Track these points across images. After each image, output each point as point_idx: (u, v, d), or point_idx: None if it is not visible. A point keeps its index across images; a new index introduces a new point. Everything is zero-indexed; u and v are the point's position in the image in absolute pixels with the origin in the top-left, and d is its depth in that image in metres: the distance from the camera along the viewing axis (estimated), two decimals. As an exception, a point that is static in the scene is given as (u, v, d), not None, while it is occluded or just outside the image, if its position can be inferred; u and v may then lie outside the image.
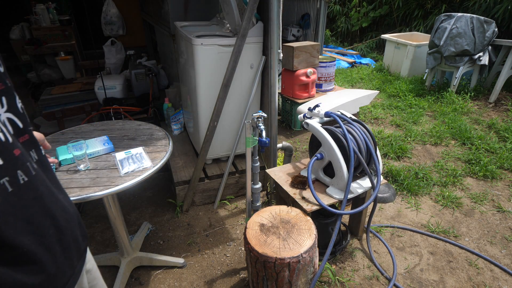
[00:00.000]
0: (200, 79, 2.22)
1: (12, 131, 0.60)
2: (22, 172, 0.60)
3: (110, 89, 3.60)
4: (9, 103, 0.62)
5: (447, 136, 3.47)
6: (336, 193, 1.79)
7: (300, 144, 3.50)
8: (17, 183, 0.58)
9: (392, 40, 5.39)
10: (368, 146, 1.77)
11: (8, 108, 0.61)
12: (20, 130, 0.63)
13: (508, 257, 2.05)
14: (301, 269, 1.47)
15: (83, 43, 5.29)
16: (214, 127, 2.20)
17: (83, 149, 1.43)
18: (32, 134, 0.68)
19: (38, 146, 0.70)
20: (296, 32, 5.47)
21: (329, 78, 3.85)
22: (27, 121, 0.67)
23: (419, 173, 2.82)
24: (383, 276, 1.94)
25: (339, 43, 8.02)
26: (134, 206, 2.58)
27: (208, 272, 1.98)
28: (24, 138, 0.64)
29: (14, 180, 0.58)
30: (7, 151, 0.57)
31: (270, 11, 2.05)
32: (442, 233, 2.25)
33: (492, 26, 3.98)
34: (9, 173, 0.57)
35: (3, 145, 0.56)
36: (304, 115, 2.00)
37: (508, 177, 2.82)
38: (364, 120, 3.99)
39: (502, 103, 4.17)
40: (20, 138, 0.63)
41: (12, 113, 0.62)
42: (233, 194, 2.63)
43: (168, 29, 3.01)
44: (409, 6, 6.72)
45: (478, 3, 5.20)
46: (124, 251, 1.90)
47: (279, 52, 2.48)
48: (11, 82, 0.65)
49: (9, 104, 0.61)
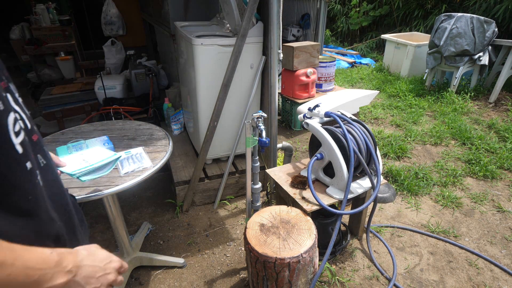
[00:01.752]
0: (200, 79, 2.22)
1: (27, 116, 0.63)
2: (41, 156, 0.64)
3: (110, 89, 3.61)
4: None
5: (447, 136, 3.47)
6: (336, 193, 1.79)
7: (300, 144, 3.50)
8: (40, 166, 0.63)
9: (392, 40, 5.39)
10: (368, 146, 1.77)
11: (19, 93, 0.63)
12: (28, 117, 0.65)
13: (508, 257, 2.05)
14: (301, 269, 1.47)
15: (83, 43, 5.29)
16: (214, 127, 2.20)
17: (83, 149, 1.43)
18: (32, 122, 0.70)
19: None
20: (296, 32, 5.47)
21: (329, 78, 3.85)
22: None
23: (419, 173, 2.82)
24: (383, 276, 1.94)
25: (339, 43, 8.02)
26: (134, 206, 2.58)
27: (208, 272, 1.98)
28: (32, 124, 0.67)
29: (37, 164, 0.61)
30: (29, 137, 0.60)
31: (270, 11, 2.05)
32: (442, 233, 2.25)
33: (492, 26, 3.98)
34: (33, 157, 0.60)
35: (27, 131, 0.60)
36: (304, 115, 2.00)
37: (508, 177, 2.82)
38: (364, 120, 3.99)
39: (502, 103, 4.17)
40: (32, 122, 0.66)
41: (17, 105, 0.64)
42: (233, 194, 2.63)
43: (168, 29, 3.01)
44: (409, 6, 6.73)
45: (478, 3, 5.20)
46: (124, 251, 1.90)
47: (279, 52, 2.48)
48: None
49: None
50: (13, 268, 0.48)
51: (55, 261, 0.55)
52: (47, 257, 0.54)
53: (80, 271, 0.61)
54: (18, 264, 0.49)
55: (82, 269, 0.61)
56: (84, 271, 0.62)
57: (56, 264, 0.55)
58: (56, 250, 0.57)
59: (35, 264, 0.52)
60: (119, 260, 0.72)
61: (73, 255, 0.61)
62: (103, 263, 0.67)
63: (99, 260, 0.66)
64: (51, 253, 0.55)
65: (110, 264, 0.68)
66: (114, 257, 0.71)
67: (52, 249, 0.57)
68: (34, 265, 0.51)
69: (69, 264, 0.58)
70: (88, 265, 0.63)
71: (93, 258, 0.65)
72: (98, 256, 0.67)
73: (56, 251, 0.57)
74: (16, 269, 0.49)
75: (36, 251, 0.53)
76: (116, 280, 0.69)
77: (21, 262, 0.50)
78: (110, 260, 0.69)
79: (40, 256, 0.53)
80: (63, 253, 0.58)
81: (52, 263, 0.54)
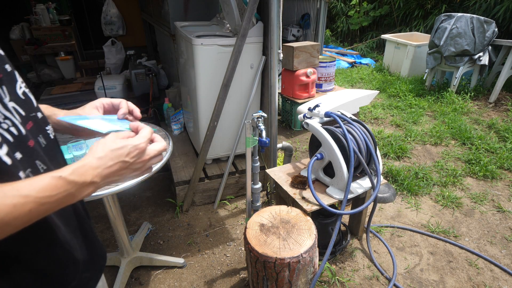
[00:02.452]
0: (200, 79, 2.22)
1: (21, 120, 0.59)
2: (40, 161, 0.60)
3: (110, 89, 3.61)
4: (10, 92, 0.59)
5: (447, 136, 3.47)
6: (336, 193, 1.79)
7: (300, 144, 3.50)
8: (40, 173, 0.58)
9: (392, 40, 5.39)
10: (368, 146, 1.77)
11: (10, 97, 0.59)
12: (23, 117, 0.61)
13: (508, 257, 2.05)
14: (301, 269, 1.47)
15: (83, 43, 5.28)
16: (214, 127, 2.20)
17: (83, 149, 1.43)
18: (36, 119, 0.65)
19: (45, 130, 0.67)
20: (296, 32, 5.46)
21: (329, 78, 3.85)
22: (30, 106, 0.64)
23: (419, 173, 2.82)
24: (383, 276, 1.94)
25: (339, 43, 8.02)
26: (134, 206, 2.58)
27: (208, 272, 1.98)
28: (29, 125, 0.62)
29: (36, 171, 0.58)
30: (23, 143, 0.56)
31: (270, 11, 2.05)
32: (442, 233, 2.25)
33: (492, 26, 3.98)
34: (30, 164, 0.57)
35: (19, 138, 0.56)
36: (304, 115, 2.00)
37: (508, 177, 2.82)
38: (364, 120, 3.99)
39: (502, 103, 4.17)
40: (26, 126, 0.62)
41: (13, 101, 0.59)
42: (233, 194, 2.63)
43: (168, 29, 3.01)
44: (409, 6, 6.73)
45: (478, 3, 5.20)
46: (124, 251, 1.90)
47: (279, 52, 2.47)
48: (11, 66, 0.63)
49: (10, 93, 0.59)
50: (29, 203, 0.48)
51: (69, 182, 0.54)
52: (56, 183, 0.52)
53: (103, 175, 0.58)
54: (30, 200, 0.49)
55: (105, 171, 0.59)
56: (108, 171, 0.59)
57: (71, 184, 0.54)
58: (66, 171, 0.54)
59: (50, 192, 0.51)
60: (140, 137, 0.65)
61: (87, 166, 0.57)
62: (124, 155, 0.61)
63: (116, 156, 0.61)
64: (60, 177, 0.53)
65: (132, 152, 0.62)
66: (132, 140, 0.64)
67: (60, 172, 0.54)
68: (49, 194, 0.51)
69: (87, 177, 0.56)
70: (109, 166, 0.59)
71: (109, 157, 0.60)
72: (113, 152, 0.61)
73: (65, 172, 0.54)
74: (32, 202, 0.49)
75: (42, 180, 0.51)
76: (153, 159, 0.66)
77: (33, 197, 0.49)
78: (128, 148, 0.62)
79: (48, 186, 0.52)
80: (74, 171, 0.55)
81: (64, 186, 0.53)
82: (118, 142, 0.62)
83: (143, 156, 0.64)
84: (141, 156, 0.64)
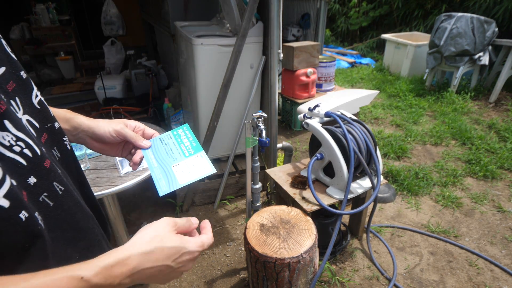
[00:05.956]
0: (200, 79, 2.22)
1: (35, 134, 0.52)
2: (58, 183, 0.53)
3: (110, 89, 3.61)
4: (24, 103, 0.53)
5: (447, 136, 3.47)
6: (336, 193, 1.78)
7: (300, 144, 3.49)
8: (57, 195, 0.52)
9: (392, 40, 5.39)
10: (368, 146, 1.77)
11: (23, 109, 0.52)
12: (38, 130, 0.54)
13: (508, 257, 2.05)
14: (301, 269, 1.47)
15: (83, 43, 5.28)
16: (214, 127, 2.19)
17: (83, 149, 1.43)
18: (51, 130, 0.58)
19: (61, 141, 0.61)
20: (296, 32, 5.46)
21: (329, 78, 3.84)
22: (46, 116, 0.58)
23: (419, 173, 2.82)
24: (383, 276, 1.94)
25: (339, 43, 8.02)
26: (134, 206, 2.58)
27: (208, 272, 1.98)
28: (43, 138, 0.55)
29: (53, 194, 0.51)
30: (38, 166, 0.49)
31: (270, 11, 2.05)
32: (442, 233, 2.25)
33: (492, 26, 3.98)
34: (46, 188, 0.50)
35: (33, 161, 0.48)
36: (304, 115, 2.00)
37: (508, 177, 2.81)
38: (364, 120, 3.99)
39: (502, 103, 4.17)
40: (41, 139, 0.55)
41: (28, 114, 0.53)
42: (233, 194, 2.63)
43: (168, 29, 3.01)
44: (409, 6, 6.72)
45: (478, 3, 5.19)
46: (124, 251, 1.90)
47: (279, 52, 2.47)
48: (26, 72, 0.56)
49: (23, 104, 0.52)
50: None
51: (91, 286, 0.44)
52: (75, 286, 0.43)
53: (136, 278, 0.49)
54: None
55: (141, 273, 0.49)
56: (144, 273, 0.50)
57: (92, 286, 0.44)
58: (90, 269, 0.45)
59: None
60: (198, 243, 0.55)
61: (122, 264, 0.47)
62: (172, 259, 0.52)
63: (164, 258, 0.51)
64: (81, 279, 0.43)
65: (182, 257, 0.53)
66: (189, 244, 0.54)
67: (83, 271, 0.44)
68: None
69: (115, 280, 0.46)
70: (149, 268, 0.50)
71: (156, 257, 0.50)
72: (163, 252, 0.51)
73: (89, 272, 0.44)
74: None
75: (56, 281, 0.42)
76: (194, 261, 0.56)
77: None
78: (181, 252, 0.53)
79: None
80: (102, 272, 0.45)
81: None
82: (174, 239, 0.53)
83: (190, 264, 0.55)
84: (187, 265, 0.54)
